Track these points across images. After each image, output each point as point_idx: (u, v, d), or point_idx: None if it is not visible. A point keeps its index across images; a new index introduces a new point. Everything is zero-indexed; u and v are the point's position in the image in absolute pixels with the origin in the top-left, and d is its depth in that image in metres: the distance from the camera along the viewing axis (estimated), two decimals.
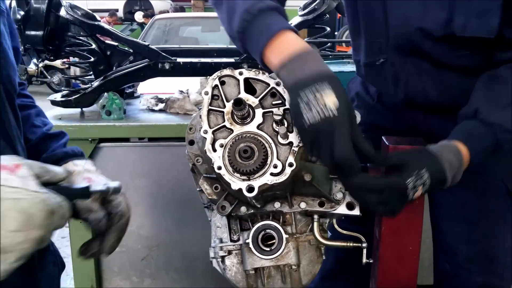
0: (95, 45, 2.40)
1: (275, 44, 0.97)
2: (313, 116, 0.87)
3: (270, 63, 0.98)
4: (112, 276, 2.27)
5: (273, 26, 0.98)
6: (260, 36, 0.98)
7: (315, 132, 0.88)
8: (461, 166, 1.06)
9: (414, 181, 0.98)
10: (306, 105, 0.87)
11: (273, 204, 1.06)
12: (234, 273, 1.12)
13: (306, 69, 0.91)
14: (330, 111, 0.87)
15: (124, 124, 2.15)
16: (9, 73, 0.93)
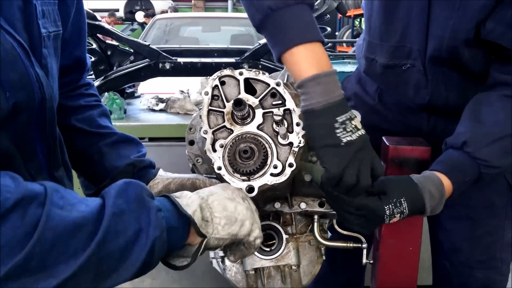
0: (95, 45, 2.40)
1: (311, 49, 0.96)
2: (349, 135, 0.91)
3: (297, 64, 0.96)
4: None
5: (311, 30, 0.97)
6: (295, 32, 0.96)
7: (356, 149, 0.91)
8: (443, 197, 1.08)
9: (392, 209, 1.01)
10: (341, 124, 0.92)
11: (273, 205, 1.06)
12: (234, 273, 1.12)
13: (338, 94, 0.94)
14: (361, 130, 0.94)
15: (125, 124, 2.15)
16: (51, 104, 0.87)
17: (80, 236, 0.64)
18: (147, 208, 0.72)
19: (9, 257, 0.58)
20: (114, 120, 2.17)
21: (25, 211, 0.60)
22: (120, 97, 2.25)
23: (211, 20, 6.22)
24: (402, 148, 1.16)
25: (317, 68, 0.93)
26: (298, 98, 0.97)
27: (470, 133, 1.13)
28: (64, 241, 0.62)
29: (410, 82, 1.34)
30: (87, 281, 0.65)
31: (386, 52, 1.36)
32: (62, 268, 0.62)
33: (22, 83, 0.74)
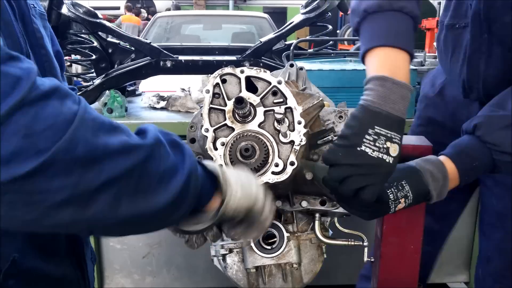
0: (96, 43, 2.40)
1: (393, 54, 0.94)
2: (372, 150, 0.87)
3: (373, 62, 0.95)
4: (113, 274, 2.27)
5: (401, 37, 0.95)
6: (383, 33, 0.95)
7: (361, 161, 0.87)
8: (446, 180, 1.01)
9: (395, 193, 0.96)
10: (374, 135, 0.88)
11: (274, 203, 1.06)
12: (235, 271, 1.12)
13: (396, 108, 0.89)
14: (390, 157, 0.88)
15: (126, 122, 2.15)
16: (55, 75, 0.94)
17: (118, 135, 0.65)
18: (181, 147, 0.75)
19: (53, 141, 0.57)
20: (115, 118, 2.18)
21: (62, 101, 0.60)
22: (121, 95, 2.25)
23: (212, 18, 6.22)
24: (404, 147, 1.16)
25: (390, 72, 0.91)
26: (299, 96, 0.97)
27: (484, 116, 1.06)
28: (105, 133, 0.63)
29: (462, 45, 1.29)
30: (129, 192, 0.65)
31: (450, 10, 1.33)
32: (108, 164, 0.62)
33: (9, 31, 0.77)
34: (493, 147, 1.02)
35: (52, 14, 2.12)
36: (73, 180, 0.59)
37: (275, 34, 2.49)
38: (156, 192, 0.69)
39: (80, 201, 0.61)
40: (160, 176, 0.69)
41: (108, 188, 0.62)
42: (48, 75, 0.91)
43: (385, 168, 0.88)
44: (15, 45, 0.79)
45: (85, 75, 2.69)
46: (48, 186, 0.57)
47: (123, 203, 0.65)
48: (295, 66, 1.18)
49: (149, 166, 0.67)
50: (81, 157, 0.59)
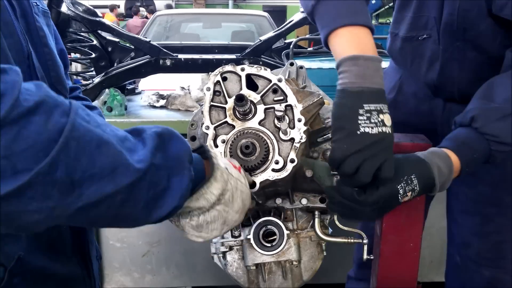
0: (96, 41, 2.40)
1: (355, 32, 0.95)
2: (370, 127, 0.88)
3: (339, 44, 0.96)
4: (113, 272, 2.27)
5: (359, 14, 0.96)
6: (342, 14, 0.96)
7: (369, 143, 0.87)
8: (451, 173, 1.03)
9: (404, 187, 0.97)
10: (366, 113, 0.88)
11: (274, 200, 1.06)
12: (235, 269, 1.12)
13: (375, 81, 0.90)
14: (387, 127, 0.89)
15: (126, 120, 2.15)
16: (58, 73, 0.93)
17: (105, 153, 0.60)
18: (182, 174, 0.69)
19: (33, 162, 0.54)
20: (115, 117, 2.18)
21: (49, 116, 0.56)
22: (120, 94, 2.26)
23: (212, 17, 6.22)
24: (403, 144, 1.16)
25: (359, 50, 0.92)
26: (299, 94, 0.97)
27: (479, 109, 1.08)
28: (89, 154, 0.59)
29: (425, 54, 1.33)
30: (107, 217, 0.63)
31: (406, 24, 1.36)
32: (88, 188, 0.58)
33: (9, 30, 0.76)
34: (491, 138, 1.04)
35: (52, 13, 2.12)
36: (50, 204, 0.57)
37: (274, 33, 2.49)
38: (137, 218, 0.66)
39: (56, 221, 0.60)
40: (145, 202, 0.65)
41: (86, 212, 0.60)
42: (52, 73, 0.91)
43: (388, 139, 0.90)
44: (16, 45, 0.79)
45: (84, 74, 2.69)
46: (24, 208, 0.55)
47: (101, 223, 0.65)
48: (295, 65, 1.19)
49: (135, 192, 0.63)
50: (61, 181, 0.56)
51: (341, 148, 0.89)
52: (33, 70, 0.84)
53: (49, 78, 0.89)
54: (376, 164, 0.89)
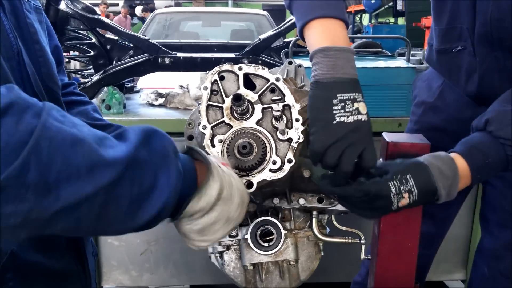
0: (95, 39, 2.39)
1: (327, 24, 0.96)
2: (345, 116, 0.88)
3: (312, 36, 0.97)
4: (111, 270, 2.27)
5: (332, 8, 0.97)
6: (315, 7, 0.97)
7: (345, 131, 0.87)
8: (456, 178, 0.97)
9: (397, 186, 0.93)
10: (340, 103, 0.88)
11: (271, 200, 1.06)
12: (233, 268, 1.12)
13: (346, 72, 0.91)
14: (363, 115, 0.89)
15: (124, 118, 2.14)
16: (50, 70, 0.93)
17: (80, 151, 0.58)
18: (168, 167, 0.68)
19: (4, 164, 0.53)
20: (114, 115, 2.17)
21: (19, 118, 0.55)
22: (119, 92, 2.25)
23: (211, 15, 6.21)
24: (402, 144, 1.16)
25: (330, 42, 0.93)
26: (297, 94, 0.97)
27: (495, 111, 1.03)
28: (62, 154, 0.57)
29: (462, 66, 1.29)
30: (90, 219, 0.61)
31: (438, 36, 1.34)
32: (66, 189, 0.57)
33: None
34: (506, 142, 0.99)
35: (50, 10, 2.12)
36: (26, 207, 0.55)
37: (274, 32, 2.49)
38: (123, 220, 0.64)
39: (35, 225, 0.58)
40: (130, 201, 0.63)
41: (66, 215, 0.58)
42: (43, 70, 0.90)
43: (365, 127, 0.90)
44: (5, 41, 0.78)
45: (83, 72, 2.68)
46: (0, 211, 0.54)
47: (83, 227, 0.61)
48: (293, 64, 1.18)
49: (117, 190, 0.61)
50: (35, 183, 0.55)
51: (320, 139, 0.88)
52: (23, 66, 0.83)
53: (40, 74, 0.88)
54: (355, 152, 0.88)
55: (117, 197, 0.62)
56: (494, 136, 1.00)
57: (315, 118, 0.89)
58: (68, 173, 0.57)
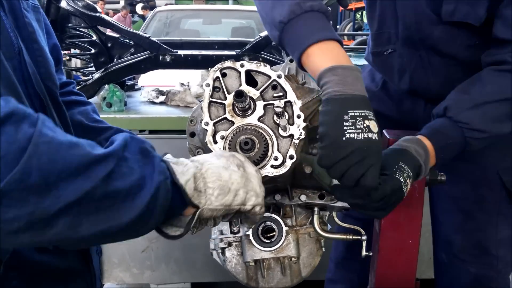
0: (96, 37, 2.39)
1: (325, 47, 0.96)
2: (356, 133, 0.87)
3: (313, 61, 0.97)
4: (112, 268, 2.28)
5: (323, 31, 0.98)
6: (307, 34, 0.97)
7: (354, 149, 0.86)
8: (427, 154, 1.06)
9: (402, 175, 0.97)
10: (351, 119, 0.87)
11: (273, 197, 1.06)
12: (234, 265, 1.13)
13: (357, 89, 0.90)
14: (373, 134, 0.88)
15: (125, 116, 2.15)
16: (48, 70, 0.93)
17: (77, 152, 0.63)
18: (151, 157, 0.73)
19: (6, 171, 0.56)
20: (115, 113, 2.17)
21: (18, 126, 0.59)
22: (120, 90, 2.25)
23: (212, 13, 6.20)
24: (391, 140, 1.16)
25: (334, 62, 0.93)
26: (299, 91, 0.97)
27: (453, 100, 1.14)
28: (62, 155, 0.61)
29: (394, 67, 1.39)
30: (90, 213, 0.64)
31: (372, 39, 1.44)
32: (65, 188, 0.60)
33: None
34: (464, 125, 1.10)
35: (51, 8, 2.12)
36: (29, 209, 0.58)
37: None
38: (120, 210, 0.67)
39: (38, 227, 0.61)
40: (124, 193, 0.67)
41: (67, 212, 0.61)
42: (42, 70, 0.90)
43: (375, 145, 0.88)
44: (6, 40, 0.78)
45: (84, 69, 2.68)
46: (3, 217, 0.57)
47: (84, 224, 0.64)
48: (294, 61, 1.18)
49: (112, 184, 0.65)
50: (36, 186, 0.58)
51: (328, 156, 0.88)
52: (24, 66, 0.83)
53: (39, 74, 0.89)
54: (360, 171, 0.87)
55: (114, 189, 0.65)
56: (453, 120, 1.11)
57: (325, 133, 0.88)
58: (68, 173, 0.61)
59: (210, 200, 0.78)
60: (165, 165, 0.75)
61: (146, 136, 2.23)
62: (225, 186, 0.80)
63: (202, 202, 0.78)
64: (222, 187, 0.79)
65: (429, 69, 1.32)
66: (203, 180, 0.78)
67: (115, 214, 0.67)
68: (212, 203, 0.79)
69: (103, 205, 0.65)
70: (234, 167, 0.82)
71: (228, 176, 0.80)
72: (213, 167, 0.80)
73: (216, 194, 0.79)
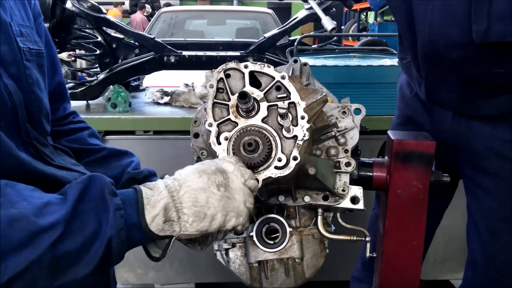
0: (101, 38, 2.40)
1: None
2: None
3: None
4: (117, 268, 2.27)
5: None
6: None
7: None
8: None
9: None
10: None
11: (277, 198, 1.06)
12: (238, 266, 1.13)
13: None
14: None
15: (130, 117, 2.16)
16: (40, 119, 0.95)
17: (18, 227, 0.66)
18: (106, 207, 0.74)
19: None
20: (119, 113, 2.18)
21: None
22: (125, 90, 2.26)
23: (216, 13, 6.21)
24: (407, 142, 1.16)
25: None
26: (303, 92, 0.97)
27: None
28: (3, 234, 0.65)
29: (413, 76, 1.39)
30: (43, 276, 0.68)
31: (398, 45, 1.45)
32: (12, 260, 0.65)
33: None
34: None
35: (57, 9, 2.13)
36: None
37: (279, 30, 2.49)
38: (76, 266, 0.70)
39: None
40: (76, 252, 0.70)
41: (19, 280, 0.65)
42: (35, 119, 0.93)
43: None
44: None
45: (89, 70, 2.69)
46: None
47: (41, 283, 0.68)
48: (299, 62, 1.18)
49: (60, 248, 0.68)
50: None
51: None
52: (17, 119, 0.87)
53: (30, 123, 0.92)
54: None
55: (63, 251, 0.69)
56: None
57: None
58: (11, 247, 0.65)
59: (185, 227, 0.79)
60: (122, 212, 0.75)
61: (150, 136, 2.24)
62: (200, 212, 0.79)
63: (176, 230, 0.78)
64: (198, 213, 0.79)
65: (447, 84, 1.28)
66: (176, 208, 0.78)
67: (70, 271, 0.70)
68: (187, 229, 0.79)
69: (57, 267, 0.69)
70: (213, 187, 0.81)
71: (205, 200, 0.80)
72: (190, 190, 0.80)
73: (191, 221, 0.79)
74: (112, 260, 0.75)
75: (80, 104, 2.34)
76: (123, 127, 2.16)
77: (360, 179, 1.11)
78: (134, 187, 0.81)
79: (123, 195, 0.78)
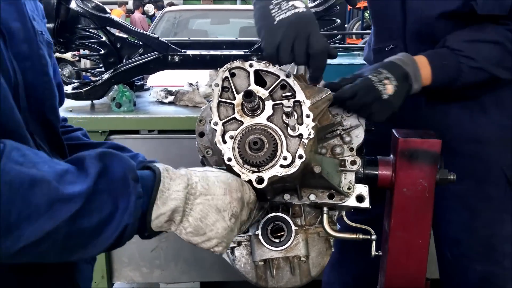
0: (105, 38, 2.40)
1: None
2: (283, 13, 0.97)
3: None
4: (122, 267, 2.29)
5: None
6: None
7: (286, 26, 0.96)
8: (414, 63, 1.17)
9: (376, 75, 1.10)
10: (276, 6, 0.98)
11: (282, 196, 1.06)
12: (243, 264, 1.13)
13: None
14: (300, 8, 0.99)
15: (134, 116, 2.16)
16: (53, 104, 0.93)
17: (39, 191, 0.62)
18: (128, 194, 0.71)
19: None
20: (124, 113, 2.19)
21: None
22: (129, 90, 2.26)
23: (220, 13, 6.22)
24: (412, 141, 1.15)
25: None
26: (308, 90, 0.97)
27: (453, 34, 1.24)
28: (23, 196, 0.60)
29: None
30: (54, 251, 0.65)
31: (374, 35, 1.46)
32: (27, 228, 0.60)
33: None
34: (458, 52, 1.21)
35: (61, 9, 2.13)
36: None
37: None
38: (86, 247, 0.68)
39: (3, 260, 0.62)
40: (90, 231, 0.67)
41: (30, 251, 0.62)
42: (47, 103, 0.89)
43: (305, 16, 0.99)
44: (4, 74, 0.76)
45: (93, 70, 2.70)
46: None
47: (50, 256, 0.65)
48: None
49: (76, 224, 0.65)
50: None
51: (269, 42, 0.97)
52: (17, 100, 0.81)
53: (43, 107, 0.88)
54: (302, 41, 0.97)
55: (79, 228, 0.65)
56: (450, 48, 1.22)
57: (261, 26, 0.99)
58: (28, 213, 0.60)
59: (180, 231, 0.79)
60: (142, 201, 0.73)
61: (155, 136, 2.24)
62: (201, 229, 0.79)
63: (171, 229, 0.79)
64: (199, 228, 0.79)
65: None
66: (184, 213, 0.78)
67: (79, 250, 0.68)
68: (181, 233, 0.79)
69: (68, 243, 0.66)
70: (227, 214, 0.81)
71: (213, 221, 0.80)
72: (207, 204, 0.79)
73: (188, 231, 0.79)
74: (120, 245, 0.73)
75: (85, 104, 2.35)
76: (127, 127, 2.16)
77: (365, 178, 1.11)
78: (153, 170, 0.78)
79: (142, 179, 0.75)
